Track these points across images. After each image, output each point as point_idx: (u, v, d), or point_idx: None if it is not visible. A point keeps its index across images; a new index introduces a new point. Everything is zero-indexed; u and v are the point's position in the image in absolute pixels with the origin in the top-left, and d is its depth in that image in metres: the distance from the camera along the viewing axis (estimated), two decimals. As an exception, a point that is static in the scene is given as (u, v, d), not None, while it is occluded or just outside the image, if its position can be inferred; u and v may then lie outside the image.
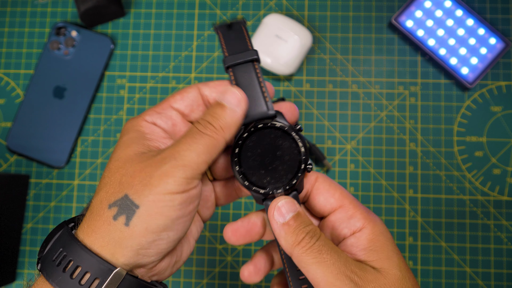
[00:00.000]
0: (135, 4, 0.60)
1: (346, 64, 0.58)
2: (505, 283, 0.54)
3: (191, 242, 0.30)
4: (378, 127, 0.57)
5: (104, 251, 0.24)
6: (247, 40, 0.29)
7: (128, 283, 0.24)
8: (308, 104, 0.58)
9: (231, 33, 0.30)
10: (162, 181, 0.24)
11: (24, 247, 0.57)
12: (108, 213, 0.24)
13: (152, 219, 0.24)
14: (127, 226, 0.24)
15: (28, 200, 0.58)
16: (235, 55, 0.29)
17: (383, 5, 0.59)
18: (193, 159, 0.24)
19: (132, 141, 0.26)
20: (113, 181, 0.25)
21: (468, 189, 0.55)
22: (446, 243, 0.55)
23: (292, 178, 0.28)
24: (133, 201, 0.24)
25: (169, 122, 0.28)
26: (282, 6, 0.60)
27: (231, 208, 0.56)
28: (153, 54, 0.59)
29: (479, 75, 0.56)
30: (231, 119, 0.26)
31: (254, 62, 0.29)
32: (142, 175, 0.24)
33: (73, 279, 0.23)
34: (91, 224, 0.24)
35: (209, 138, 0.25)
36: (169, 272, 0.28)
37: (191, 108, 0.28)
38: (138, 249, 0.24)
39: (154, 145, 0.26)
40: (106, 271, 0.23)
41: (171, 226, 0.24)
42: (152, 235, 0.24)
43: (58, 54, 0.59)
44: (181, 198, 0.24)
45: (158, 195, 0.24)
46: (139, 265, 0.25)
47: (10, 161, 0.59)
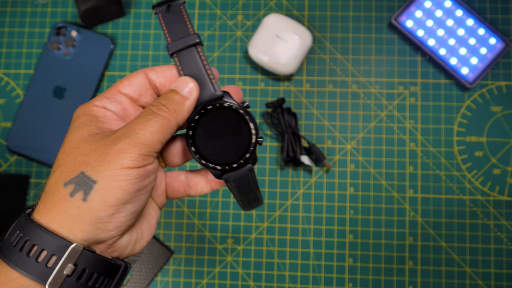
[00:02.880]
0: (135, 4, 0.60)
1: (346, 64, 0.58)
2: (505, 283, 0.54)
3: (151, 222, 0.30)
4: (378, 127, 0.57)
5: (61, 228, 0.24)
6: (188, 23, 0.30)
7: (86, 258, 0.24)
8: (308, 104, 0.58)
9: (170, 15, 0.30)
10: (118, 157, 0.25)
11: None
12: (64, 191, 0.25)
13: (110, 193, 0.24)
14: (85, 201, 0.24)
15: (28, 200, 0.58)
16: (177, 41, 0.29)
17: (383, 5, 0.59)
18: (147, 137, 0.25)
19: (85, 124, 0.27)
20: (67, 161, 0.25)
21: (468, 189, 0.55)
22: (446, 243, 0.55)
23: (245, 152, 0.29)
24: (90, 177, 0.24)
25: (119, 106, 0.29)
26: (282, 6, 0.60)
27: (231, 208, 0.56)
28: (153, 54, 0.59)
29: (479, 75, 0.56)
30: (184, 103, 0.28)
31: (197, 45, 0.30)
32: (97, 153, 0.25)
33: (30, 257, 0.24)
34: (47, 204, 0.25)
35: (162, 118, 0.26)
36: (130, 250, 0.28)
37: (139, 92, 0.29)
38: (96, 223, 0.24)
39: (107, 127, 0.27)
40: (63, 247, 0.24)
41: (129, 199, 0.25)
42: (110, 208, 0.24)
43: (58, 54, 0.59)
44: (137, 172, 0.25)
45: (115, 170, 0.24)
46: (99, 240, 0.25)
47: (10, 161, 0.59)
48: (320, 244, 0.55)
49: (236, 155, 0.29)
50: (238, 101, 0.31)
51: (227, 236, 0.56)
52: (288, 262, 0.55)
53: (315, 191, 0.56)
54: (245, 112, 0.29)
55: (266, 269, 0.55)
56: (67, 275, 0.24)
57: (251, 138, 0.29)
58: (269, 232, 0.56)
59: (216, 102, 0.29)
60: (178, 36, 0.30)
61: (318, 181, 0.56)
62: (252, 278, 0.55)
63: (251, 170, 0.30)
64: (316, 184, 0.56)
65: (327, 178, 0.56)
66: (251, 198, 0.33)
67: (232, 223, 0.56)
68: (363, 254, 0.55)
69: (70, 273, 0.24)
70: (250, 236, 0.56)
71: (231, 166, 0.30)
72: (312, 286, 0.55)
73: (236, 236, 0.56)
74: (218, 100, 0.29)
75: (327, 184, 0.56)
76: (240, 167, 0.30)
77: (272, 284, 0.55)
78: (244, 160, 0.30)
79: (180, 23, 0.30)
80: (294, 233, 0.56)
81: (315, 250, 0.55)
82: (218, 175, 0.30)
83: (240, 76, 0.59)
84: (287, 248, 0.55)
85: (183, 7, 0.30)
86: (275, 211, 0.56)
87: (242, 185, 0.31)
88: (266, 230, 0.56)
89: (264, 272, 0.55)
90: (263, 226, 0.56)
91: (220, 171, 0.30)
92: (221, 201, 0.57)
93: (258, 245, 0.56)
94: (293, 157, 0.55)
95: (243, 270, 0.55)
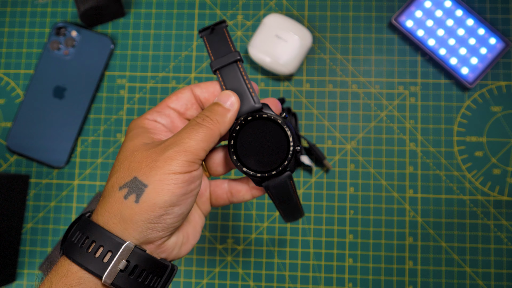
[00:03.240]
0: (135, 4, 0.60)
1: (346, 64, 0.58)
2: (505, 283, 0.54)
3: (196, 228, 0.33)
4: (378, 127, 0.57)
5: (117, 227, 0.27)
6: (230, 43, 0.32)
7: (137, 256, 0.27)
8: (308, 104, 0.58)
9: (214, 37, 0.33)
10: (166, 163, 0.27)
11: (24, 247, 0.57)
12: (119, 194, 0.27)
13: (159, 195, 0.27)
14: (137, 203, 0.27)
15: (28, 200, 0.58)
16: (220, 59, 0.32)
17: (383, 5, 0.59)
18: (193, 146, 0.28)
19: (138, 135, 0.30)
20: (122, 168, 0.28)
21: (468, 189, 0.55)
22: (446, 243, 0.55)
23: (283, 160, 0.31)
24: (142, 181, 0.27)
25: (168, 119, 0.32)
26: (282, 6, 0.60)
27: (231, 208, 0.56)
28: (153, 54, 0.59)
29: (479, 75, 0.56)
30: (226, 114, 0.30)
31: (238, 62, 0.32)
32: (148, 160, 0.28)
33: (89, 253, 0.26)
34: (104, 205, 0.28)
35: (206, 128, 0.29)
36: (176, 252, 0.31)
37: (186, 107, 0.32)
38: (147, 223, 0.27)
39: (157, 137, 0.30)
40: (117, 245, 0.26)
41: (176, 202, 0.27)
42: (159, 210, 0.27)
43: (58, 54, 0.59)
44: (184, 177, 0.27)
45: (164, 175, 0.27)
46: (149, 240, 0.28)
47: (10, 161, 0.59)
48: (320, 244, 0.55)
49: (275, 163, 0.31)
50: (277, 112, 0.33)
51: (227, 236, 0.56)
52: (288, 262, 0.55)
53: (315, 191, 0.56)
54: (283, 122, 0.31)
55: (266, 269, 0.55)
56: (121, 269, 0.27)
57: (289, 147, 0.31)
58: (269, 232, 0.56)
59: (255, 113, 0.31)
60: (221, 54, 0.32)
61: (318, 181, 0.56)
62: (252, 278, 0.55)
63: (289, 178, 0.32)
64: (316, 184, 0.56)
65: (327, 178, 0.56)
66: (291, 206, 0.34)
67: (232, 223, 0.56)
68: (363, 254, 0.55)
69: (123, 268, 0.27)
70: (250, 236, 0.56)
71: (271, 173, 0.31)
72: (312, 286, 0.55)
73: (236, 236, 0.56)
74: (257, 112, 0.31)
75: (327, 184, 0.56)
76: (279, 174, 0.32)
77: (272, 284, 0.55)
78: (283, 168, 0.31)
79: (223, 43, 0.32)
80: (294, 233, 0.56)
81: (315, 250, 0.55)
82: (258, 182, 0.32)
83: (240, 76, 0.59)
84: (287, 248, 0.55)
85: (226, 29, 0.33)
86: (275, 211, 0.56)
87: (281, 192, 0.32)
88: (266, 230, 0.56)
89: (264, 272, 0.55)
90: (263, 226, 0.56)
91: (260, 178, 0.32)
92: (221, 201, 0.57)
93: (258, 245, 0.56)
94: (293, 157, 0.54)
95: (243, 270, 0.55)
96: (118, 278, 0.26)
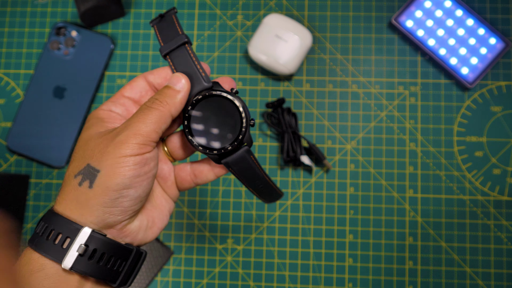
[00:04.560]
0: (135, 4, 0.60)
1: (346, 64, 0.58)
2: (505, 283, 0.54)
3: (163, 212, 0.33)
4: (378, 127, 0.57)
5: (74, 214, 0.28)
6: (177, 27, 0.33)
7: (95, 240, 0.28)
8: (308, 104, 0.58)
9: (163, 24, 0.33)
10: (117, 148, 0.28)
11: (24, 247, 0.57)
12: (74, 182, 0.28)
13: (111, 178, 0.27)
14: (90, 188, 0.27)
15: (28, 200, 0.58)
16: (168, 43, 0.32)
17: (383, 5, 0.59)
18: (143, 128, 0.28)
19: (92, 125, 0.31)
20: (77, 157, 0.29)
21: (468, 189, 0.55)
22: (446, 243, 0.55)
23: (239, 134, 0.31)
24: (94, 167, 0.28)
25: (123, 107, 0.32)
26: (282, 6, 0.60)
27: (231, 208, 0.56)
28: (153, 54, 0.59)
29: (479, 75, 0.56)
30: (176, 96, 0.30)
31: (186, 44, 0.32)
32: (100, 146, 0.28)
33: (48, 240, 0.28)
34: (62, 194, 0.29)
35: (156, 110, 0.29)
36: (142, 237, 0.31)
37: (140, 94, 0.33)
38: (103, 207, 0.27)
39: (112, 126, 0.31)
40: (74, 230, 0.27)
41: (129, 184, 0.28)
42: (113, 193, 0.27)
43: (58, 54, 0.59)
44: (135, 159, 0.28)
45: (115, 159, 0.27)
46: (108, 224, 0.28)
47: (10, 161, 0.59)
48: (320, 244, 0.55)
49: (230, 138, 0.31)
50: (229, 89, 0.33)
51: (227, 236, 0.56)
52: (288, 262, 0.55)
53: (315, 191, 0.56)
54: (234, 97, 0.31)
55: (266, 269, 0.55)
56: (80, 254, 0.27)
57: (241, 121, 0.31)
58: (269, 232, 0.56)
59: (205, 92, 0.31)
60: (169, 38, 0.32)
61: (318, 181, 0.56)
62: (252, 278, 0.55)
63: (248, 152, 0.32)
64: (316, 184, 0.56)
65: (327, 178, 0.56)
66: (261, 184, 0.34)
67: (232, 223, 0.56)
68: (363, 254, 0.55)
69: (82, 253, 0.27)
70: (250, 236, 0.56)
71: (226, 149, 0.31)
72: (312, 286, 0.55)
73: (236, 236, 0.56)
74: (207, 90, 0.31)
75: (327, 184, 0.56)
76: (236, 150, 0.32)
77: (272, 284, 0.55)
78: (238, 142, 0.31)
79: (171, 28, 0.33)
80: (294, 233, 0.56)
81: (315, 250, 0.55)
82: (217, 159, 0.32)
83: (240, 76, 0.59)
84: (287, 248, 0.55)
85: (174, 15, 0.33)
86: (275, 211, 0.56)
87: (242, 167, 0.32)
88: (266, 230, 0.56)
89: (264, 272, 0.55)
90: (263, 226, 0.56)
91: (218, 156, 0.32)
92: (221, 201, 0.57)
93: (258, 245, 0.56)
94: (293, 157, 0.55)
95: (243, 270, 0.55)
96: (77, 263, 0.27)
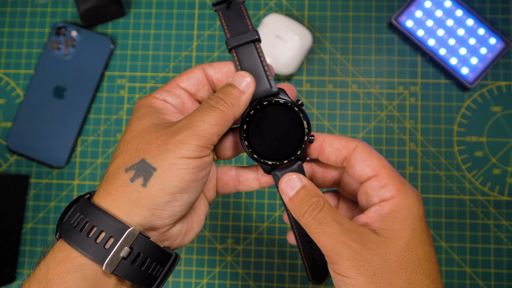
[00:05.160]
0: (135, 4, 0.60)
1: (346, 64, 0.58)
2: (505, 283, 0.54)
3: (201, 216, 0.32)
4: (378, 127, 0.57)
5: (120, 211, 0.25)
6: (248, 20, 0.30)
7: (141, 243, 0.25)
8: (308, 104, 0.58)
9: (230, 12, 0.31)
10: (177, 147, 0.25)
11: (24, 247, 0.57)
12: (124, 177, 0.26)
13: (169, 180, 0.25)
14: (144, 187, 0.25)
15: (28, 200, 0.58)
16: (236, 37, 0.30)
17: (383, 5, 0.59)
18: (206, 130, 0.26)
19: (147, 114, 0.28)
20: (129, 149, 0.27)
21: (468, 189, 0.55)
22: (446, 243, 0.55)
23: (296, 149, 0.30)
24: (150, 165, 0.25)
25: (178, 100, 0.30)
26: (282, 6, 0.60)
27: (231, 208, 0.56)
28: (153, 54, 0.59)
29: (479, 75, 0.56)
30: (241, 97, 0.28)
31: (255, 42, 0.30)
32: (158, 141, 0.26)
33: (89, 238, 0.25)
34: (107, 188, 0.26)
35: (220, 112, 0.27)
36: (180, 241, 0.29)
37: (197, 87, 0.30)
38: (153, 209, 0.25)
39: (167, 118, 0.28)
40: (120, 230, 0.25)
41: (186, 188, 0.26)
42: (168, 195, 0.25)
43: (58, 54, 0.59)
44: (195, 163, 0.26)
45: (174, 159, 0.25)
46: (153, 226, 0.26)
47: (10, 161, 0.59)
48: (320, 244, 0.55)
49: (288, 152, 0.30)
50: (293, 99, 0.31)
51: (227, 236, 0.56)
52: (288, 262, 0.55)
53: (315, 191, 0.56)
54: (299, 110, 0.29)
55: (266, 269, 0.55)
56: (123, 257, 0.25)
57: (303, 136, 0.30)
58: (269, 232, 0.56)
59: (271, 98, 0.30)
60: (238, 32, 0.30)
61: (318, 181, 0.56)
62: (252, 278, 0.55)
63: (300, 168, 0.31)
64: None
65: (327, 178, 0.56)
66: None
67: (232, 223, 0.56)
68: (363, 254, 0.55)
69: (126, 256, 0.25)
70: (250, 236, 0.56)
71: (282, 162, 0.30)
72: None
73: (236, 236, 0.56)
74: (273, 97, 0.30)
75: (327, 184, 0.56)
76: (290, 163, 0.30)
77: (272, 284, 0.55)
78: (295, 157, 0.30)
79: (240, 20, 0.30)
80: (294, 233, 0.56)
81: (315, 250, 0.55)
82: (268, 170, 0.31)
83: (240, 76, 0.59)
84: (287, 248, 0.55)
85: (243, 5, 0.31)
86: (275, 211, 0.56)
87: None
88: (266, 230, 0.56)
89: (264, 272, 0.55)
90: (263, 226, 0.56)
91: (270, 166, 0.30)
92: (221, 201, 0.57)
93: (258, 245, 0.56)
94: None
95: (243, 270, 0.55)
96: (120, 266, 0.25)
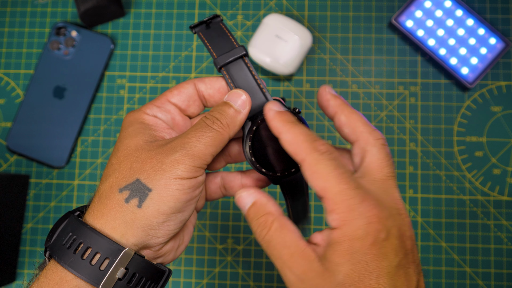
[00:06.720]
0: (135, 4, 0.60)
1: (346, 64, 0.58)
2: (505, 283, 0.54)
3: (190, 228, 0.31)
4: (378, 127, 0.57)
5: (115, 232, 0.25)
6: (231, 37, 0.31)
7: (136, 263, 0.25)
8: (308, 104, 0.58)
9: (211, 32, 0.31)
10: (173, 167, 0.25)
11: (24, 247, 0.57)
12: (119, 197, 0.25)
13: (164, 201, 0.25)
14: (139, 207, 0.25)
15: (28, 200, 0.58)
16: (224, 55, 0.30)
17: (383, 5, 0.59)
18: (201, 150, 0.26)
19: (139, 132, 0.28)
20: (123, 168, 0.26)
21: (468, 189, 0.55)
22: (446, 243, 0.55)
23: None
24: (145, 185, 0.25)
25: (168, 115, 0.30)
26: (282, 6, 0.60)
27: (231, 208, 0.56)
28: (153, 54, 0.59)
29: (479, 75, 0.56)
30: (237, 117, 0.28)
31: (243, 57, 0.30)
32: (153, 161, 0.26)
33: (84, 260, 0.24)
34: (101, 208, 0.26)
35: (216, 132, 0.27)
36: (173, 256, 0.29)
37: (187, 103, 0.30)
38: (148, 229, 0.25)
39: (159, 135, 0.28)
40: (116, 251, 0.24)
41: (180, 208, 0.26)
42: (163, 216, 0.25)
43: (58, 54, 0.59)
44: (190, 183, 0.26)
45: (170, 179, 0.25)
46: (148, 245, 0.26)
47: (10, 161, 0.59)
48: (320, 244, 0.55)
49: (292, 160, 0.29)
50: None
51: (227, 236, 0.56)
52: (288, 262, 0.55)
53: (315, 191, 0.56)
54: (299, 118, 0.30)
55: (266, 269, 0.55)
56: (119, 278, 0.25)
57: None
58: (269, 232, 0.56)
59: None
60: (224, 50, 0.30)
61: (318, 181, 0.56)
62: (252, 278, 0.55)
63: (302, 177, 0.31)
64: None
65: (327, 178, 0.56)
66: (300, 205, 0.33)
67: (232, 223, 0.56)
68: (363, 254, 0.55)
69: (122, 277, 0.25)
70: (250, 236, 0.56)
71: (290, 171, 0.30)
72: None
73: (236, 236, 0.56)
74: None
75: (327, 184, 0.56)
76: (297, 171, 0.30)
77: (272, 284, 0.55)
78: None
79: (223, 38, 0.31)
80: (294, 233, 0.56)
81: (315, 250, 0.55)
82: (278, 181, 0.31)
83: (240, 76, 0.59)
84: (287, 248, 0.55)
85: (222, 23, 0.31)
86: (275, 211, 0.56)
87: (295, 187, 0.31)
88: (266, 230, 0.56)
89: (264, 272, 0.55)
90: (263, 226, 0.56)
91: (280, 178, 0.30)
92: (221, 201, 0.57)
93: (258, 245, 0.56)
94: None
95: (243, 270, 0.55)
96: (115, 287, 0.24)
